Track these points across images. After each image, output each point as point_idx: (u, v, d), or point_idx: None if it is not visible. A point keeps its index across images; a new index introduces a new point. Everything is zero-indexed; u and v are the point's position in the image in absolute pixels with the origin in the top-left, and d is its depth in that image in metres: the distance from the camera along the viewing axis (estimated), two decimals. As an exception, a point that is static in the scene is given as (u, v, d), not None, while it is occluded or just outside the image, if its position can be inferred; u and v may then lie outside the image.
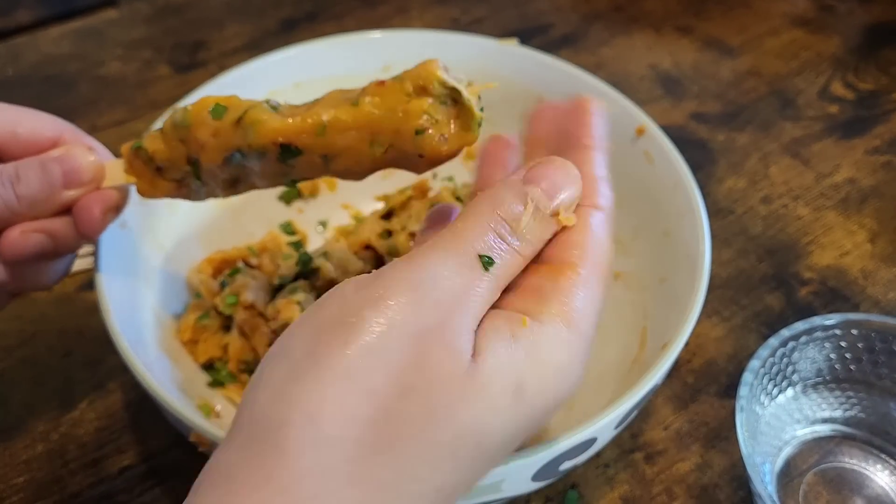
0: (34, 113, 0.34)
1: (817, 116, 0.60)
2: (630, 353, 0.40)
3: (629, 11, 0.70)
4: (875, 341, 0.39)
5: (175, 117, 0.30)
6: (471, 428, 0.22)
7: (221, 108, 0.29)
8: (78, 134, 0.34)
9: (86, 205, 0.32)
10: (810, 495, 0.39)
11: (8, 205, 0.31)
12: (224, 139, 0.29)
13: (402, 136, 0.27)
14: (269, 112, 0.28)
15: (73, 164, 0.32)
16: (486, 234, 0.24)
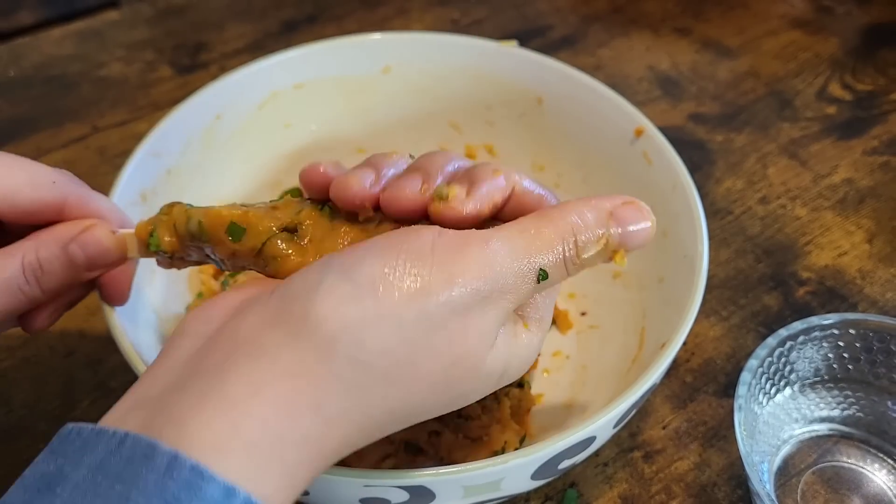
0: (28, 176, 0.30)
1: (815, 117, 0.61)
2: (629, 353, 0.41)
3: (628, 13, 0.70)
4: (873, 341, 0.40)
5: (190, 228, 0.29)
6: (460, 394, 0.26)
7: (239, 231, 0.29)
8: (83, 197, 0.31)
9: (114, 283, 0.33)
10: (808, 494, 0.39)
11: (33, 300, 0.30)
12: (242, 259, 0.29)
13: None
14: (288, 247, 0.29)
15: (98, 249, 0.31)
16: (555, 251, 0.26)
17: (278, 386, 0.22)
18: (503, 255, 0.25)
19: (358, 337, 0.23)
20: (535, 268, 0.26)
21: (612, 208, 0.27)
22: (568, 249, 0.26)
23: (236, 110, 0.46)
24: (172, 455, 0.20)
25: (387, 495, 0.30)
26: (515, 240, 0.26)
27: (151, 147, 0.42)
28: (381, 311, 0.23)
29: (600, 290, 0.46)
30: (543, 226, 0.26)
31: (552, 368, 0.44)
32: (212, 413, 0.22)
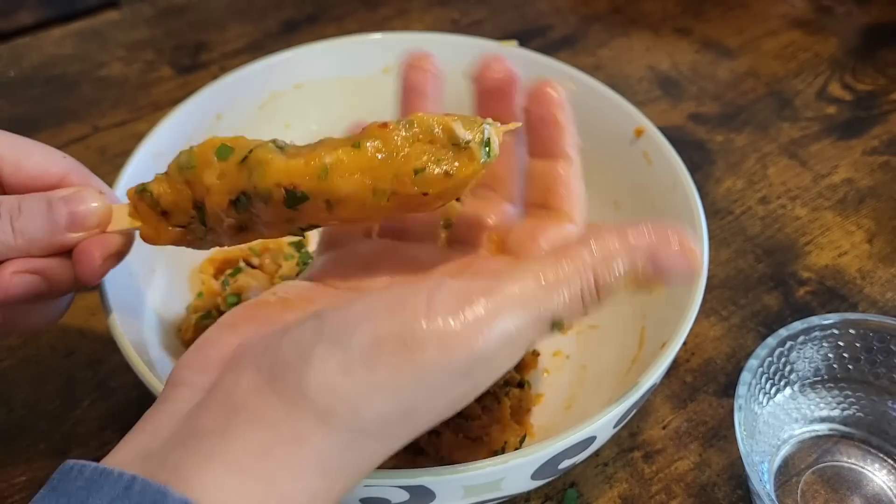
0: (42, 147, 0.31)
1: (815, 117, 0.61)
2: (629, 353, 0.41)
3: (628, 13, 0.70)
4: (873, 341, 0.40)
5: (180, 159, 0.29)
6: None
7: (227, 149, 0.28)
8: (85, 174, 0.32)
9: (86, 249, 0.30)
10: (808, 494, 0.39)
11: (4, 239, 0.29)
12: (230, 181, 0.28)
13: (402, 179, 0.27)
14: (274, 152, 0.28)
15: (81, 207, 0.30)
16: (573, 299, 0.24)
17: (281, 452, 0.22)
18: (509, 313, 0.23)
19: (353, 407, 0.23)
20: (549, 317, 0.24)
21: (638, 244, 0.25)
22: (588, 289, 0.24)
23: (236, 110, 0.46)
24: (183, 501, 0.20)
25: (387, 495, 0.30)
26: (526, 293, 0.24)
27: (152, 147, 0.42)
28: (374, 382, 0.23)
29: (600, 290, 0.46)
30: (560, 271, 0.24)
31: (552, 368, 0.44)
32: (220, 472, 0.21)
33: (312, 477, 0.23)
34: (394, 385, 0.23)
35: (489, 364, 0.23)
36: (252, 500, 0.21)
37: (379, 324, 0.23)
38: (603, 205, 0.47)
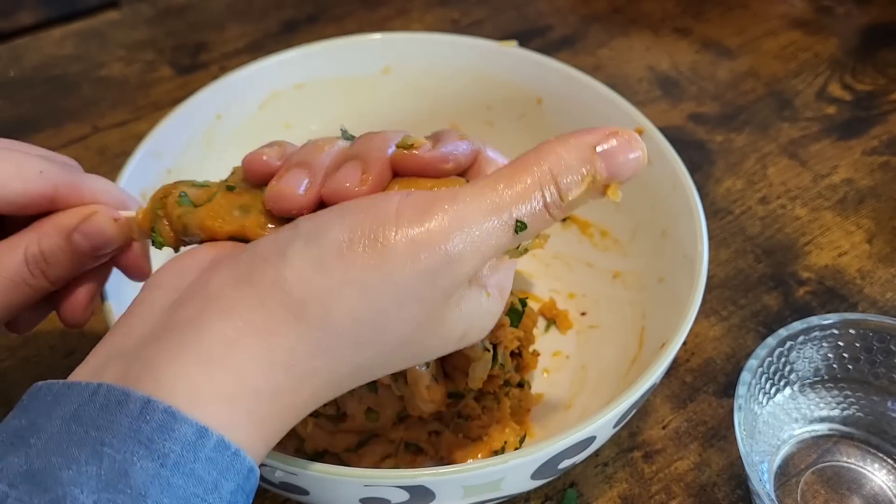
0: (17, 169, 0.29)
1: (815, 117, 0.61)
2: (628, 353, 0.41)
3: (628, 13, 0.70)
4: (872, 341, 0.40)
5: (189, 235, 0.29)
6: (423, 351, 0.26)
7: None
8: (73, 183, 0.30)
9: (132, 262, 0.32)
10: (808, 494, 0.39)
11: (44, 291, 0.30)
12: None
13: None
14: None
15: (101, 238, 0.30)
16: (533, 198, 0.24)
17: (252, 343, 0.23)
18: (473, 211, 0.24)
19: (325, 303, 0.23)
20: (512, 219, 0.24)
21: (595, 142, 0.25)
22: (549, 195, 0.24)
23: (237, 110, 0.46)
24: (145, 400, 0.21)
25: (387, 495, 0.30)
26: (487, 193, 0.24)
27: (152, 147, 0.42)
28: (346, 278, 0.23)
29: (600, 290, 0.46)
30: (518, 173, 0.25)
31: (552, 368, 0.44)
32: (188, 365, 0.22)
33: (280, 373, 0.23)
34: (365, 282, 0.23)
35: (455, 268, 0.24)
36: (220, 393, 0.22)
37: (352, 222, 0.24)
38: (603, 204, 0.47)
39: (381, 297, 0.24)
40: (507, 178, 0.25)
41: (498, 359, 0.38)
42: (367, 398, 0.37)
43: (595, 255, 0.47)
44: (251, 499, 0.23)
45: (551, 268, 0.48)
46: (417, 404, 0.36)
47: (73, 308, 0.32)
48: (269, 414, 0.23)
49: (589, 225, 0.48)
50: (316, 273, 0.23)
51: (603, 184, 0.25)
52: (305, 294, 0.23)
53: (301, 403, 0.24)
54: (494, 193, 0.24)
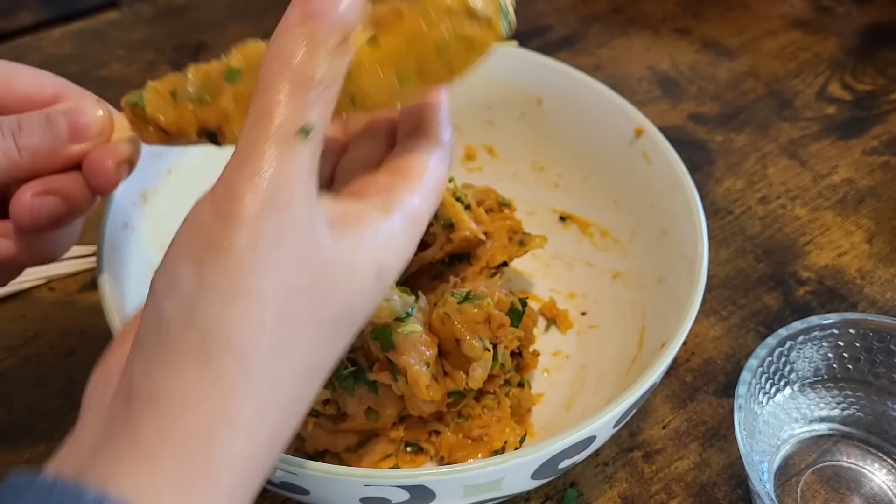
0: (31, 68, 0.31)
1: (815, 117, 0.61)
2: (629, 353, 0.41)
3: (628, 13, 0.70)
4: (872, 341, 0.40)
5: (188, 89, 0.29)
6: (346, 309, 0.24)
7: (236, 73, 0.28)
8: (79, 90, 0.32)
9: (97, 158, 0.30)
10: (808, 494, 0.39)
11: (9, 156, 0.29)
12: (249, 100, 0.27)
13: (425, 60, 0.27)
14: None
15: (80, 117, 0.30)
16: (292, 105, 0.23)
17: (182, 420, 0.22)
18: (260, 155, 0.23)
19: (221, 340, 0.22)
20: (291, 134, 0.23)
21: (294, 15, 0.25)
22: (299, 87, 0.23)
23: (237, 110, 0.46)
24: (100, 495, 0.20)
25: (387, 495, 0.30)
26: (257, 131, 0.23)
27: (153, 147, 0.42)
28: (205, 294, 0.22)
29: (600, 290, 0.46)
30: (262, 91, 0.24)
31: (552, 368, 0.44)
32: (131, 466, 0.21)
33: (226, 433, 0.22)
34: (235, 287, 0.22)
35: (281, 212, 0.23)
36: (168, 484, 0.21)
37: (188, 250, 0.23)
38: (603, 204, 0.47)
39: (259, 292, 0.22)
40: (255, 101, 0.24)
41: (498, 358, 0.38)
42: (368, 398, 0.37)
43: (595, 255, 0.47)
44: None
45: (551, 268, 0.48)
46: (418, 404, 0.36)
47: (101, 170, 0.30)
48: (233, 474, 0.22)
49: (589, 225, 0.48)
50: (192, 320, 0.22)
51: (339, 41, 0.24)
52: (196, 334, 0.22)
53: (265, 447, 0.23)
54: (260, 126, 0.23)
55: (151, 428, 0.22)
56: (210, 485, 0.22)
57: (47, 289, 0.48)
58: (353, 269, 0.24)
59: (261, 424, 0.23)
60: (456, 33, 0.26)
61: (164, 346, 0.23)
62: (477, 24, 0.26)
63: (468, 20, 0.26)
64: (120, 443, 0.22)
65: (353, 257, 0.24)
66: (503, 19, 0.27)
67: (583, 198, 0.48)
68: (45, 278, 0.48)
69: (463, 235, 0.40)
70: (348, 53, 0.25)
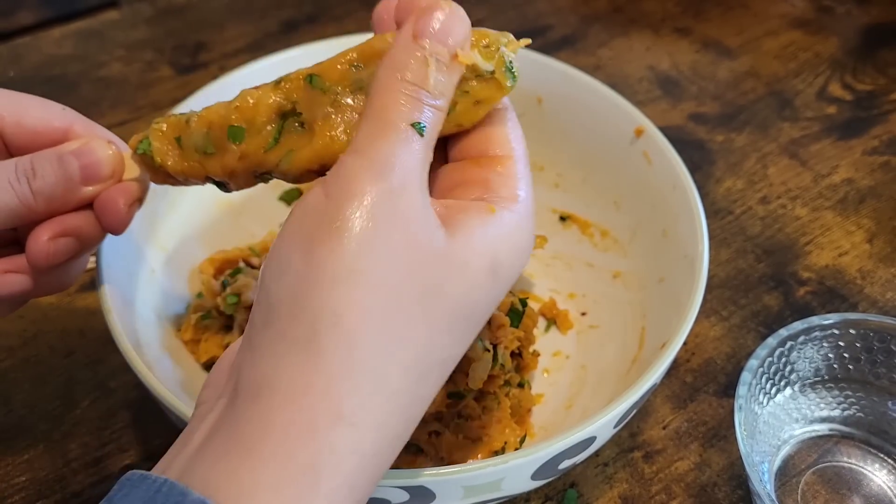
0: (41, 101, 0.32)
1: (815, 117, 0.61)
2: (629, 353, 0.41)
3: (628, 13, 0.70)
4: (873, 341, 0.40)
5: (193, 138, 0.29)
6: (460, 303, 0.24)
7: (240, 131, 0.28)
8: (89, 124, 0.32)
9: (109, 199, 0.31)
10: (808, 494, 0.39)
11: (24, 201, 0.29)
12: (253, 162, 0.29)
13: None
14: (297, 135, 0.28)
15: (92, 158, 0.30)
16: (407, 104, 0.24)
17: (285, 413, 0.21)
18: (379, 146, 0.23)
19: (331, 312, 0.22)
20: (407, 128, 0.24)
21: (412, 29, 0.25)
22: (414, 93, 0.24)
23: (236, 110, 0.46)
24: (201, 500, 0.20)
25: (387, 495, 0.30)
26: (372, 127, 0.24)
27: (151, 147, 0.42)
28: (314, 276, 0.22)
29: (600, 290, 0.46)
30: (377, 95, 0.24)
31: (552, 368, 0.44)
32: (231, 464, 0.21)
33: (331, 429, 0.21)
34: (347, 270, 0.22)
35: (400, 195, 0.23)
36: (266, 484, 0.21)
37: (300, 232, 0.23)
38: (603, 204, 0.47)
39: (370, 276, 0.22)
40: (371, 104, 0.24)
41: (498, 359, 0.38)
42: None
43: (595, 255, 0.47)
44: None
45: (551, 268, 0.48)
46: (417, 404, 0.36)
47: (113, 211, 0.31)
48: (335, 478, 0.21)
49: (589, 225, 0.48)
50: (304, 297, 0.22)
51: (451, 57, 0.25)
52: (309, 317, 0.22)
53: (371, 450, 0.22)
54: (375, 124, 0.24)
55: (255, 422, 0.22)
56: (312, 483, 0.21)
57: (47, 289, 0.48)
58: (466, 263, 0.24)
59: (367, 419, 0.22)
60: (463, 93, 0.27)
61: (271, 334, 0.22)
62: (484, 83, 0.27)
63: (475, 81, 0.27)
64: (225, 439, 0.22)
65: (465, 252, 0.24)
66: (508, 74, 0.27)
67: (583, 198, 0.48)
68: (44, 278, 0.48)
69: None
70: (458, 70, 0.26)
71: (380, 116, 0.24)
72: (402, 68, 0.24)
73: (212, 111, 0.29)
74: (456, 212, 0.25)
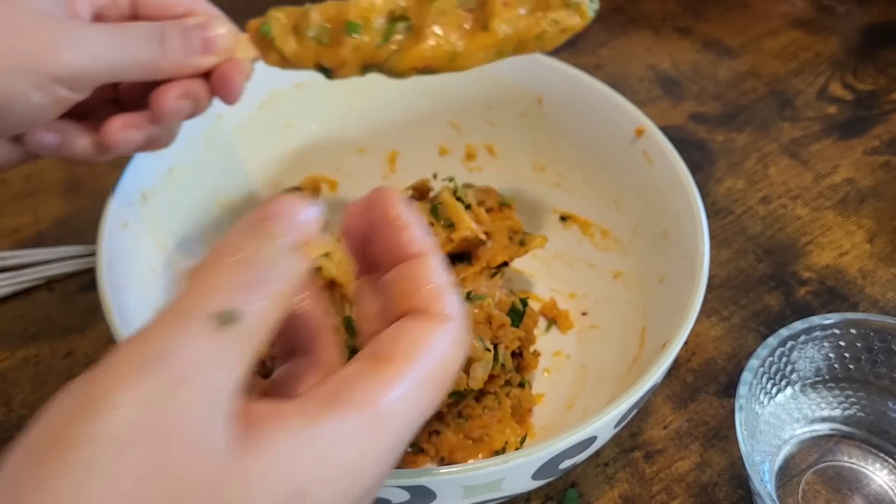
0: None
1: (816, 117, 0.61)
2: (629, 353, 0.41)
3: (628, 13, 0.70)
4: (874, 341, 0.40)
5: (312, 29, 0.33)
6: None
7: (356, 26, 0.33)
8: (209, 6, 0.36)
9: (227, 72, 0.34)
10: (809, 494, 0.39)
11: (155, 58, 0.33)
12: (364, 56, 0.33)
13: (525, 43, 0.33)
14: (406, 36, 0.33)
15: (212, 33, 0.34)
16: (223, 287, 0.19)
17: None
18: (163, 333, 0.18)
19: None
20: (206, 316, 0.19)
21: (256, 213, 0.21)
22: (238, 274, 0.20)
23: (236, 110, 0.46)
24: None
25: (388, 495, 0.30)
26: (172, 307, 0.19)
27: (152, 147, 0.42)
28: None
29: (601, 289, 0.46)
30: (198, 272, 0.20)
31: (553, 368, 0.44)
32: None
33: None
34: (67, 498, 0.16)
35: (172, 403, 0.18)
36: None
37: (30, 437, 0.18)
38: (603, 204, 0.47)
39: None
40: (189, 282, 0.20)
41: (499, 359, 0.38)
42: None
43: (596, 255, 0.47)
44: None
45: (552, 268, 0.48)
46: (418, 404, 0.36)
47: (231, 83, 0.34)
48: None
49: (590, 225, 0.48)
50: None
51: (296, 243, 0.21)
52: None
53: None
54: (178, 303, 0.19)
55: None
56: None
57: (47, 289, 0.48)
58: (251, 491, 0.18)
59: None
60: (553, 21, 0.32)
61: None
62: (571, 12, 0.32)
63: (564, 10, 0.32)
64: None
65: (254, 473, 0.18)
66: (591, 6, 0.32)
67: (583, 198, 0.48)
68: (44, 278, 0.48)
69: (463, 235, 0.40)
70: (302, 259, 0.21)
71: (180, 300, 0.19)
72: (232, 248, 0.20)
73: (329, 7, 0.33)
74: (269, 422, 0.19)
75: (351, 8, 0.33)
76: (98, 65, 0.31)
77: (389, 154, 0.51)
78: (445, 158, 0.51)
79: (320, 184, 0.50)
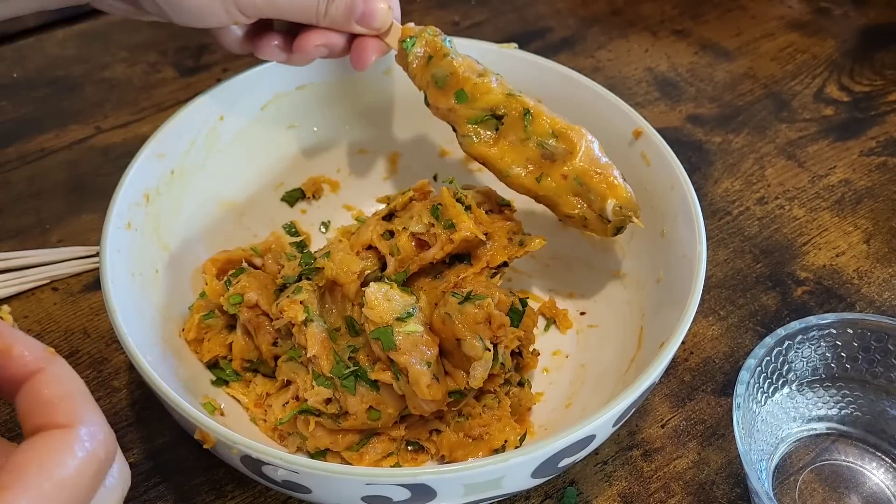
0: None
1: (812, 118, 0.61)
2: (628, 352, 0.41)
3: (626, 15, 0.70)
4: (870, 340, 0.40)
5: (436, 72, 0.40)
6: None
7: (463, 96, 0.40)
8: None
9: (366, 46, 0.41)
10: (806, 492, 0.40)
11: (316, 11, 0.39)
12: (454, 118, 0.41)
13: (556, 209, 0.41)
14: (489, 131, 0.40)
15: (373, 8, 0.40)
16: None
17: None
18: None
19: None
20: None
21: None
22: None
23: (239, 112, 0.47)
24: None
25: (388, 493, 0.31)
26: None
27: (155, 148, 0.42)
28: None
29: (599, 289, 0.46)
30: None
31: (552, 367, 0.44)
32: None
33: None
34: None
35: None
36: None
37: None
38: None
39: None
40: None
41: (498, 358, 0.38)
42: (369, 397, 0.38)
43: (594, 256, 0.47)
44: None
45: (551, 268, 0.48)
46: (419, 403, 0.37)
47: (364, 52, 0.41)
48: None
49: (588, 225, 0.48)
50: None
51: None
52: None
53: None
54: None
55: None
56: None
57: (50, 289, 0.48)
58: None
59: None
60: (583, 215, 0.40)
61: None
62: (602, 224, 0.40)
63: (599, 220, 0.40)
64: None
65: None
66: (613, 231, 0.40)
67: (582, 199, 0.48)
68: (48, 279, 0.48)
69: (463, 236, 0.40)
70: None
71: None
72: None
73: (463, 65, 0.40)
74: None
75: (469, 81, 0.40)
76: (272, 5, 0.38)
77: (390, 155, 0.52)
78: (446, 160, 0.51)
79: (322, 185, 0.51)
